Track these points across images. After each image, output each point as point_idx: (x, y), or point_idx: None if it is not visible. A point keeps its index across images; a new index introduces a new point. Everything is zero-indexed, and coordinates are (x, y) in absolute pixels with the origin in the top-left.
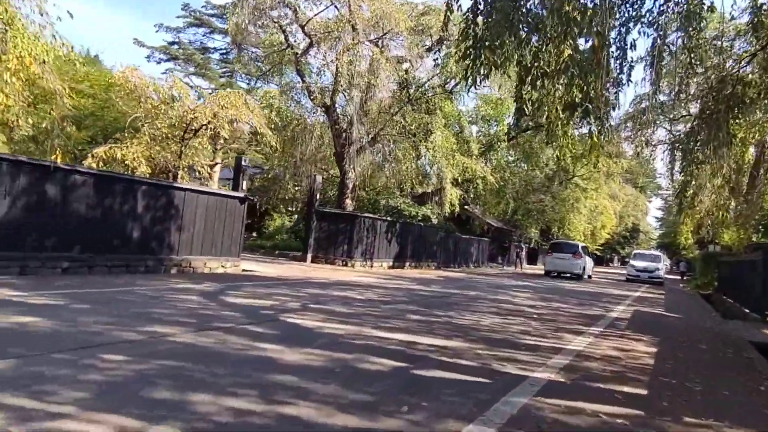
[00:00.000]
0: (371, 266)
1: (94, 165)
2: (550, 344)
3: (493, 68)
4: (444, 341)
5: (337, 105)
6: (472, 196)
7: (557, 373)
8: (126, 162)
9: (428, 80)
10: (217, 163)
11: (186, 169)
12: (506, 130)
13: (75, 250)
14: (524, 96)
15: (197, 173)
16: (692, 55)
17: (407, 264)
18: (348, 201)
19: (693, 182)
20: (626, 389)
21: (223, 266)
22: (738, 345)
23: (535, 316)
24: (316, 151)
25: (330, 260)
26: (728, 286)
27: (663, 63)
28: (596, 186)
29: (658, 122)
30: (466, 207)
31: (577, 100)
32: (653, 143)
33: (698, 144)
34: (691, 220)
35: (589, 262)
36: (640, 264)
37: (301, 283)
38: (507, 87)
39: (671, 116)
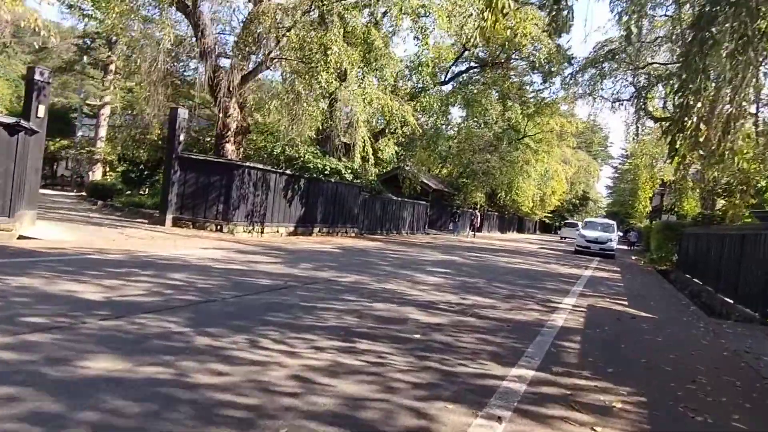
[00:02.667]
0: (261, 232)
1: None
2: None
3: None
4: None
5: (204, 11)
6: (398, 151)
7: None
8: None
9: None
10: (105, 104)
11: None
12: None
13: None
14: None
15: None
16: None
17: (317, 230)
18: (229, 146)
19: (699, 106)
20: None
21: None
22: None
23: (417, 335)
24: (169, 74)
25: (198, 224)
26: (695, 265)
27: None
28: (548, 148)
29: (620, 70)
30: (400, 166)
31: None
32: (612, 99)
33: (708, 42)
34: (677, 168)
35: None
36: (590, 234)
37: (62, 261)
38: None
39: (636, 65)
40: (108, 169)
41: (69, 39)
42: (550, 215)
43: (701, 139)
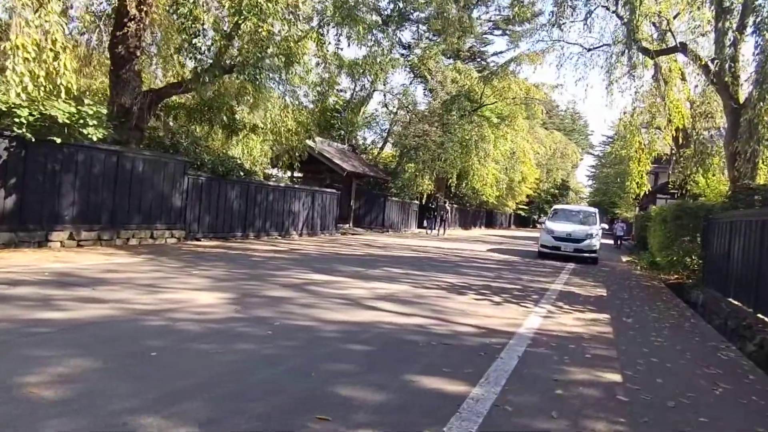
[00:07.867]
0: None
1: None
2: None
3: None
4: None
5: None
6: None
7: None
8: None
9: None
10: None
11: None
12: None
13: None
14: None
15: None
16: None
17: (65, 236)
18: None
19: None
20: None
21: None
22: None
23: None
24: None
25: None
26: (753, 281)
27: None
28: (511, 121)
29: None
30: (311, 142)
31: None
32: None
33: None
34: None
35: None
36: (562, 228)
37: None
38: None
39: None
40: None
41: None
42: (525, 207)
43: None
